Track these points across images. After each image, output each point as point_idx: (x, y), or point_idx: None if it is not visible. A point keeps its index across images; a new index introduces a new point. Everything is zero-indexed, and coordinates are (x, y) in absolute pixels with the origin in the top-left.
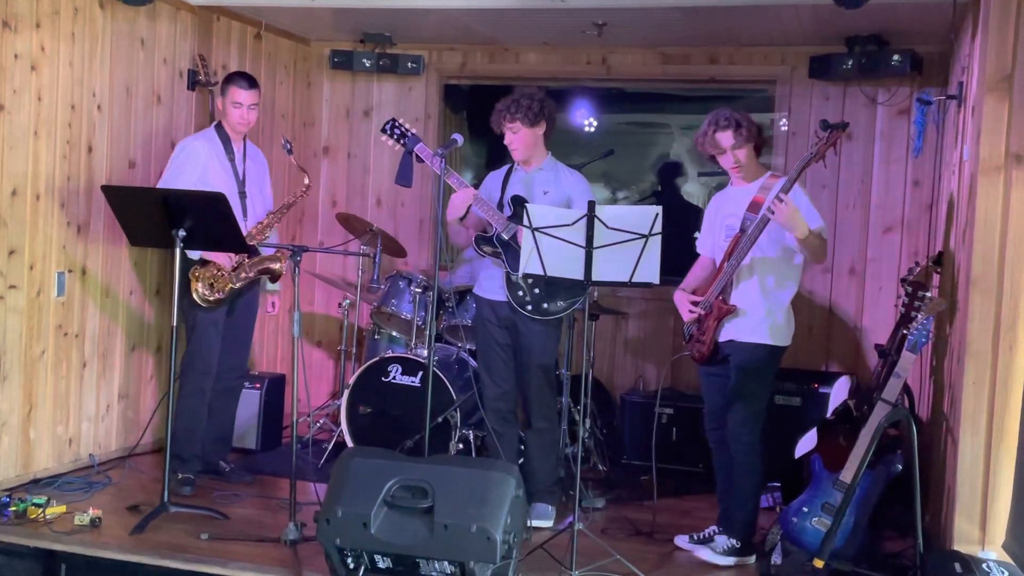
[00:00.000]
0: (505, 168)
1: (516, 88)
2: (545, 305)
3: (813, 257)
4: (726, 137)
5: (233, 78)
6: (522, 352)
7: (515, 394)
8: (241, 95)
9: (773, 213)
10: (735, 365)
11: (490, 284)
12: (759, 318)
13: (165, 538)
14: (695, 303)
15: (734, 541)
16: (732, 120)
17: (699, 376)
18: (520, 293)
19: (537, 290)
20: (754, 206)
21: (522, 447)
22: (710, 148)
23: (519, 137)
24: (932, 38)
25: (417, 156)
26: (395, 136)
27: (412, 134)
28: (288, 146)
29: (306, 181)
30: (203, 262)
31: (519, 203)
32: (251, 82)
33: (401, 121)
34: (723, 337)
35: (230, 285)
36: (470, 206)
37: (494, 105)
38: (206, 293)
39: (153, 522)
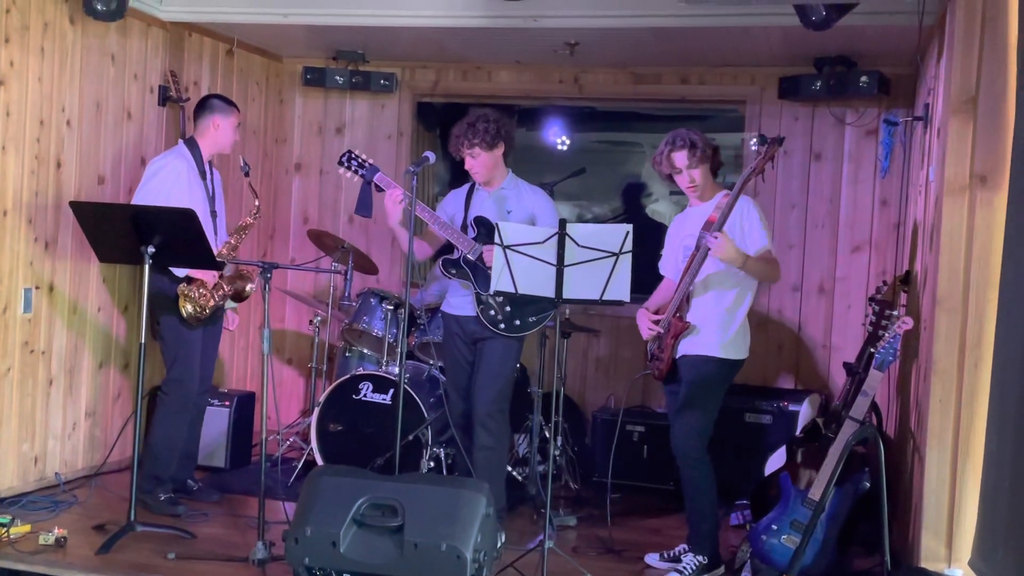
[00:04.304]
0: (466, 188)
1: (471, 110)
2: (517, 322)
3: (762, 280)
4: (681, 157)
5: (231, 102)
6: (479, 364)
7: None
8: (239, 117)
9: (710, 249)
10: (685, 378)
11: (458, 301)
12: (711, 332)
13: (131, 558)
14: (655, 322)
15: (701, 558)
16: (687, 140)
17: (664, 395)
18: (492, 312)
19: (508, 308)
20: (708, 224)
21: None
22: (666, 168)
23: (479, 162)
24: (899, 60)
25: (377, 186)
26: (352, 168)
27: (370, 164)
28: (246, 168)
29: (256, 203)
30: (189, 280)
31: (483, 224)
32: None
33: (357, 152)
34: (679, 353)
35: (212, 302)
36: (407, 208)
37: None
38: (195, 311)
39: (119, 542)
